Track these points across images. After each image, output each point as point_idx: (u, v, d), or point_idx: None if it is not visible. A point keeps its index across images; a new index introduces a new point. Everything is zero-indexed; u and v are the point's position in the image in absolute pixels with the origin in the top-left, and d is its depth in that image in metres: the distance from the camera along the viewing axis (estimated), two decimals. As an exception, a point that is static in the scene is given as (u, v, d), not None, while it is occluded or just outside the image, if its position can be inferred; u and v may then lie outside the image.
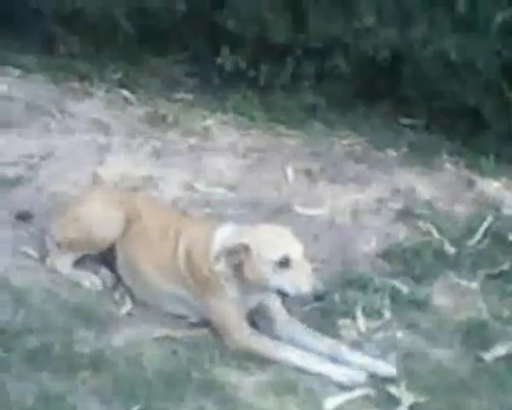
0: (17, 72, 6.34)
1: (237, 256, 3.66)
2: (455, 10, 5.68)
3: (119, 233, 4.08)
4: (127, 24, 6.40)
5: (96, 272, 4.13)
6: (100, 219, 4.09)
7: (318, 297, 3.64)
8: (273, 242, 3.69)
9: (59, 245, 4.14)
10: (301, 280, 3.61)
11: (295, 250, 3.67)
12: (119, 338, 3.72)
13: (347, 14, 6.01)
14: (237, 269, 3.69)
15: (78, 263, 4.18)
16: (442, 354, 3.91)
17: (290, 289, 3.62)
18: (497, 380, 3.76)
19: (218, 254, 3.69)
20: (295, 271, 3.62)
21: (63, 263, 4.12)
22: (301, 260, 3.66)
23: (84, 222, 4.09)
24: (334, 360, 3.72)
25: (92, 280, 4.06)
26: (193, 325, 3.88)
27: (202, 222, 4.23)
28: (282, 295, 3.70)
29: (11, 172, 4.95)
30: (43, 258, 4.19)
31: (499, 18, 5.52)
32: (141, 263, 3.99)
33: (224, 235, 3.81)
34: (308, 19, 6.09)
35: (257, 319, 3.85)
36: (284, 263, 3.62)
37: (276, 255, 3.63)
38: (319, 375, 3.64)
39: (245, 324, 3.77)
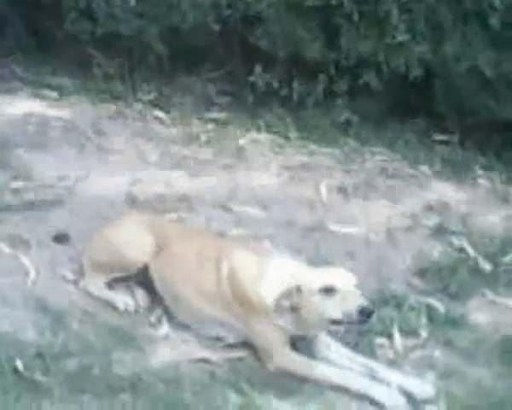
0: (54, 94, 6.43)
1: (292, 298, 3.70)
2: (488, 25, 5.68)
3: (149, 257, 4.12)
4: (160, 44, 6.45)
5: (132, 294, 4.16)
6: (129, 242, 4.14)
7: (365, 314, 3.59)
8: (319, 274, 3.75)
9: (92, 267, 4.18)
10: (346, 304, 3.61)
11: (343, 279, 3.70)
12: (157, 360, 3.74)
13: (379, 30, 6.03)
14: (294, 310, 3.73)
15: (114, 284, 4.21)
16: (480, 373, 3.90)
17: (337, 313, 3.62)
18: (536, 398, 3.74)
19: (277, 301, 3.71)
20: (342, 296, 3.63)
21: (96, 284, 4.15)
22: (349, 287, 3.66)
23: (114, 245, 4.14)
24: (372, 378, 3.72)
25: (125, 301, 4.09)
26: (231, 347, 3.88)
27: (246, 248, 4.18)
28: (335, 324, 3.70)
29: (48, 194, 5.00)
30: (79, 280, 4.23)
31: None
32: (180, 287, 4.00)
33: (277, 272, 3.83)
34: (340, 36, 6.11)
35: (295, 340, 3.86)
36: (329, 290, 3.64)
37: (320, 284, 3.66)
38: (359, 395, 3.63)
39: (287, 347, 3.77)
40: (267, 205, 5.20)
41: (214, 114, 6.39)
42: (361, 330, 3.83)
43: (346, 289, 3.66)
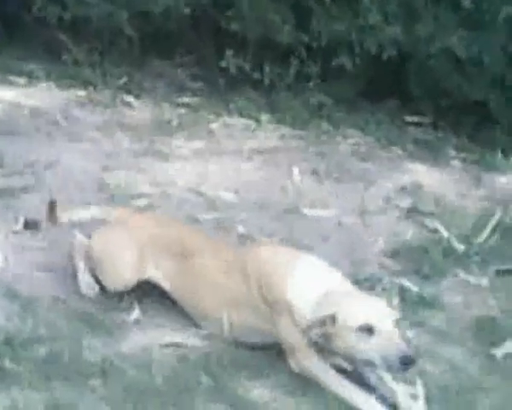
0: (22, 80, 6.37)
1: (325, 327, 3.50)
2: (460, 6, 5.67)
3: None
4: (131, 29, 6.40)
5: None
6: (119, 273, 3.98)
7: (406, 363, 3.38)
8: (357, 308, 3.52)
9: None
10: (386, 347, 3.39)
11: (381, 317, 3.47)
12: (128, 345, 3.70)
13: (352, 12, 6.01)
14: (325, 337, 3.53)
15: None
16: (453, 353, 3.89)
17: (377, 359, 3.42)
18: (507, 376, 3.74)
19: (308, 327, 3.53)
20: (380, 338, 3.41)
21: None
22: (388, 327, 3.45)
23: (106, 266, 4.00)
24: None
25: (89, 284, 4.03)
26: (202, 333, 3.85)
27: (275, 251, 3.98)
28: (371, 365, 3.51)
29: (18, 181, 4.94)
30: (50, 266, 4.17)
31: (504, 13, 5.51)
32: (206, 299, 3.85)
33: (306, 274, 3.67)
34: (312, 18, 6.08)
35: None
36: (367, 330, 3.43)
37: (358, 322, 3.45)
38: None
39: (313, 351, 3.59)
40: (239, 189, 5.17)
41: (186, 99, 6.36)
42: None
43: (386, 329, 3.43)
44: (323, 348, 3.56)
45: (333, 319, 3.49)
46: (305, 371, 3.60)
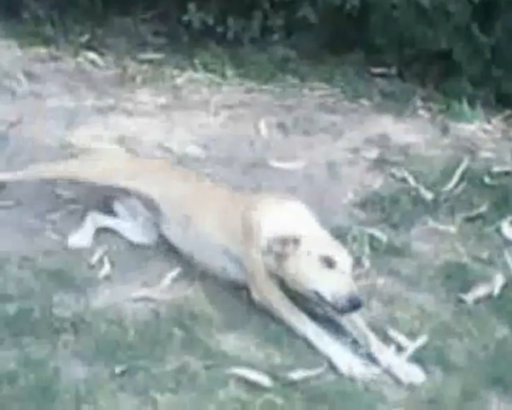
0: (-18, 39, 6.27)
1: (285, 247, 3.54)
2: (424, -46, 5.64)
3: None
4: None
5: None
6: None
7: (353, 304, 3.42)
8: (322, 241, 3.60)
9: None
10: (339, 285, 3.44)
11: (343, 257, 3.54)
12: (99, 300, 3.68)
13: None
14: (281, 260, 3.57)
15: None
16: (423, 299, 3.91)
17: (326, 292, 3.44)
18: (478, 321, 3.77)
19: (268, 244, 3.58)
20: (336, 275, 3.46)
21: None
22: (346, 267, 3.51)
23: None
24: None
25: None
26: (174, 286, 3.84)
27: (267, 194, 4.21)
28: (317, 298, 3.51)
29: (-20, 140, 4.88)
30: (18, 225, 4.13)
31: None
32: (197, 212, 3.93)
33: (282, 214, 3.75)
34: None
35: None
36: (328, 262, 3.47)
37: (321, 251, 3.50)
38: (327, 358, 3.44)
39: (271, 280, 3.63)
40: (206, 144, 5.14)
41: (149, 55, 6.28)
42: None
43: (343, 268, 3.49)
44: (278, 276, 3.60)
45: (296, 241, 3.53)
46: (265, 300, 3.62)
